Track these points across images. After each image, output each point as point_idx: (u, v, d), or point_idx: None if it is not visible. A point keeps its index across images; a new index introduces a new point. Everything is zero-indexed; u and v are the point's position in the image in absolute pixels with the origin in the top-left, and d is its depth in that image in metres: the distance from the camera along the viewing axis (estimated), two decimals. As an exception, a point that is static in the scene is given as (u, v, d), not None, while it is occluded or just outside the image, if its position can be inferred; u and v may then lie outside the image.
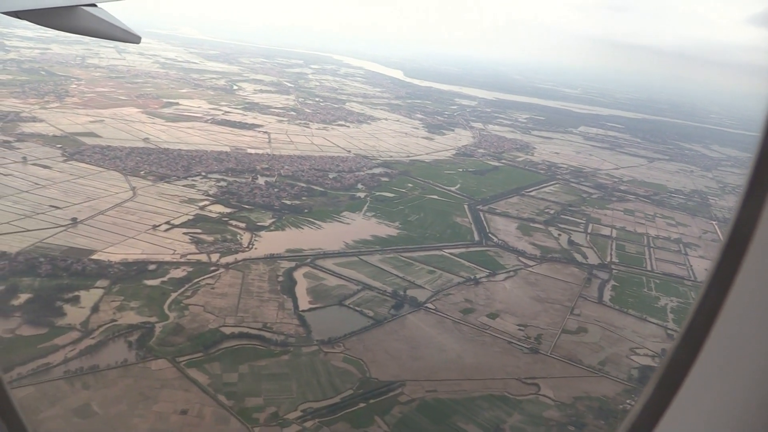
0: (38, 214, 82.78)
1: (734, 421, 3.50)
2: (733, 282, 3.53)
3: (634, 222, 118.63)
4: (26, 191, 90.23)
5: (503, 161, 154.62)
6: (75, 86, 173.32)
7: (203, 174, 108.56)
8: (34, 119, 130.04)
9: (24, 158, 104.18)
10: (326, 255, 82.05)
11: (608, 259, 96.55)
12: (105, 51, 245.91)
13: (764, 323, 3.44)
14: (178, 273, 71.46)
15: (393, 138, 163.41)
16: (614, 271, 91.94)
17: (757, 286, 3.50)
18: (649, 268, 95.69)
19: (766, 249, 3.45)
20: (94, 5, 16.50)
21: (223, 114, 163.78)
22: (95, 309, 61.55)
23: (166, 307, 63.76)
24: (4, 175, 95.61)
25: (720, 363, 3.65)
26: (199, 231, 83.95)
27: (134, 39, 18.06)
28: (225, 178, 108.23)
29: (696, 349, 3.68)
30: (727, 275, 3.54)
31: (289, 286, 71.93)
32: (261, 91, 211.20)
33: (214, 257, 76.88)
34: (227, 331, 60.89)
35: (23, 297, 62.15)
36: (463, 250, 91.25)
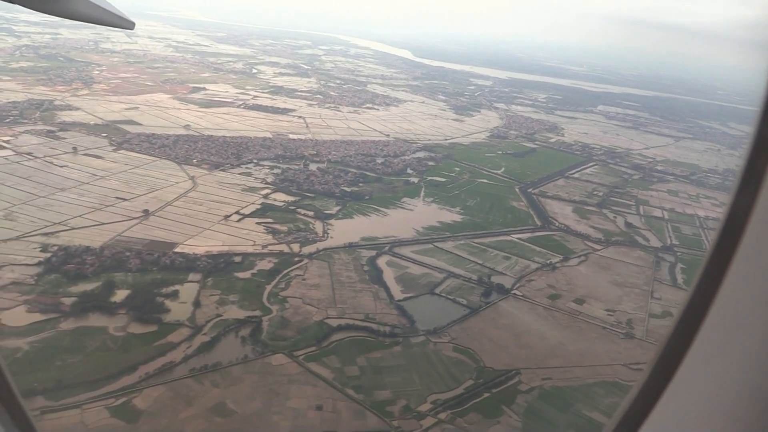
0: (107, 206, 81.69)
1: (724, 412, 3.51)
2: (724, 277, 3.56)
3: (680, 203, 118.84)
4: (87, 183, 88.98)
5: (537, 143, 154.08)
6: (98, 72, 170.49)
7: (255, 161, 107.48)
8: (69, 107, 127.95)
9: (74, 148, 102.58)
10: (401, 243, 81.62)
11: (669, 242, 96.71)
12: (115, 35, 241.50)
13: (755, 317, 3.47)
14: (265, 264, 70.86)
15: (424, 120, 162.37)
16: (678, 253, 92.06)
17: (748, 281, 3.53)
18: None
19: (757, 245, 3.50)
20: None
21: (252, 98, 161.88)
22: (197, 304, 60.99)
23: (265, 300, 63.26)
24: (60, 166, 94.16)
25: (711, 355, 3.68)
26: (270, 220, 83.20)
27: (128, 25, 17.13)
28: (278, 165, 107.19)
29: (688, 341, 3.71)
30: (718, 270, 3.57)
31: (376, 276, 71.56)
32: (281, 74, 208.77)
33: (295, 247, 76.28)
34: (333, 323, 60.57)
35: (122, 293, 61.38)
36: (529, 234, 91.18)
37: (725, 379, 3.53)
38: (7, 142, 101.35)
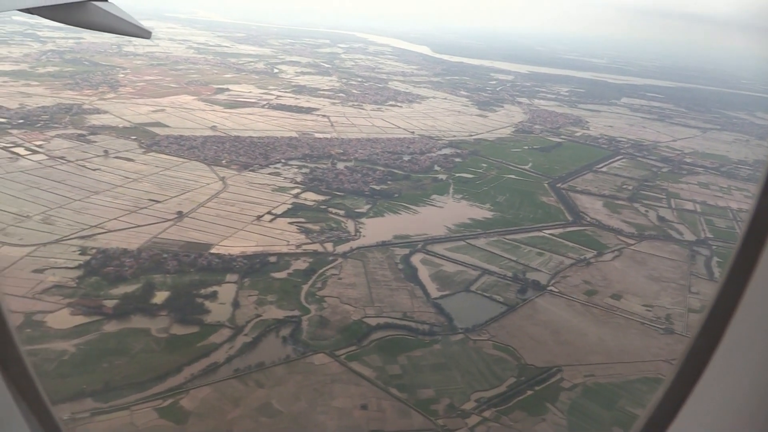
0: (141, 208, 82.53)
1: (754, 411, 3.40)
2: (750, 278, 3.45)
3: (712, 195, 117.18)
4: (120, 186, 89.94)
5: (563, 137, 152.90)
6: (122, 76, 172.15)
7: (283, 161, 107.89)
8: (97, 111, 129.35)
9: (105, 152, 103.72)
10: (434, 240, 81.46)
11: (703, 235, 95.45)
12: (137, 38, 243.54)
13: None
14: (300, 264, 71.09)
15: (448, 117, 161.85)
16: (713, 246, 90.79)
17: None
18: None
19: None
20: (105, 0, 15.96)
21: (275, 98, 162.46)
22: (236, 304, 61.41)
23: (302, 300, 63.50)
24: (93, 170, 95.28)
25: (737, 359, 3.57)
26: (302, 220, 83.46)
27: (144, 34, 17.48)
28: (306, 164, 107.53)
29: (713, 344, 3.60)
30: (743, 272, 3.47)
31: (411, 274, 71.50)
32: (302, 73, 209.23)
33: (328, 246, 76.46)
34: (371, 322, 60.67)
35: (162, 295, 61.97)
36: (561, 230, 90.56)
37: (755, 377, 3.46)
38: (40, 146, 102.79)
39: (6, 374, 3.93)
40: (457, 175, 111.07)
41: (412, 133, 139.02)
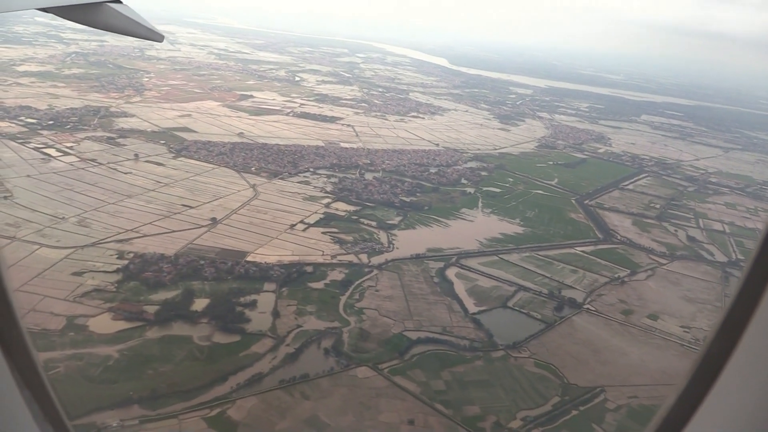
0: (175, 214, 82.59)
1: (766, 423, 3.30)
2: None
3: (740, 216, 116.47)
4: (153, 190, 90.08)
5: (586, 153, 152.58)
6: (147, 79, 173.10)
7: (311, 170, 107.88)
8: (125, 114, 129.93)
9: (136, 155, 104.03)
10: (467, 254, 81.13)
11: (734, 257, 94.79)
12: (159, 42, 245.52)
13: None
14: (336, 275, 70.88)
15: (471, 130, 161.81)
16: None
17: None
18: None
19: None
20: (120, 2, 15.98)
21: (299, 106, 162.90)
22: (276, 314, 61.20)
23: (341, 311, 63.24)
24: (124, 173, 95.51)
25: (756, 358, 3.46)
26: (335, 230, 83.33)
27: (157, 37, 17.61)
28: (334, 174, 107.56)
29: (732, 343, 3.50)
30: (761, 278, 3.34)
31: (447, 288, 71.17)
32: (323, 82, 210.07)
33: (363, 258, 76.18)
34: (412, 336, 60.29)
35: (201, 302, 61.82)
36: (592, 247, 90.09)
37: None
38: (70, 148, 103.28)
39: (12, 363, 3.86)
40: (485, 188, 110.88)
41: (437, 145, 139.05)
